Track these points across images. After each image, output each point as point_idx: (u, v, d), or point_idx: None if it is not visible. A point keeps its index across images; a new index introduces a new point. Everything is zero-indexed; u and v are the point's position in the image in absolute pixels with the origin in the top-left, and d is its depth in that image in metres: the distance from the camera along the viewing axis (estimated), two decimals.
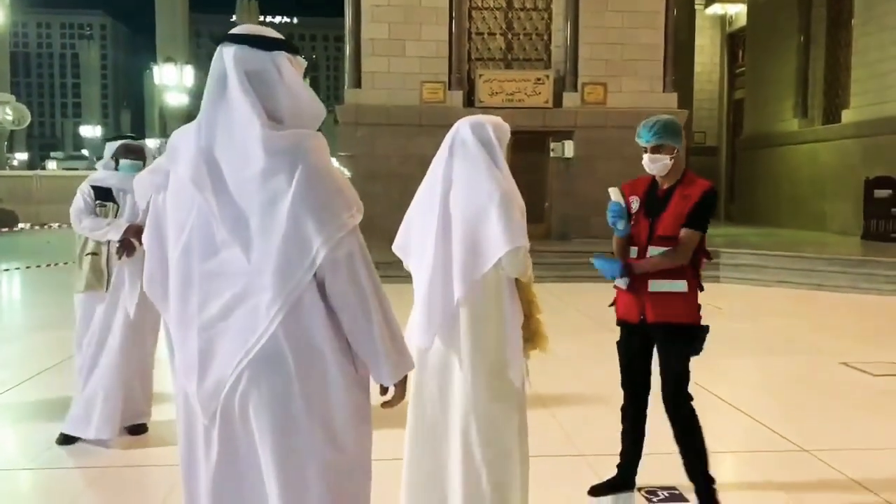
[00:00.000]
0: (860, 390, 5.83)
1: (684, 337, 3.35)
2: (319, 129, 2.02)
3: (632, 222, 3.44)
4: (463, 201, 2.82)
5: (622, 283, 3.41)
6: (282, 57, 1.93)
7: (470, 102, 14.90)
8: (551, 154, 14.78)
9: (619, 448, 3.88)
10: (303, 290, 1.84)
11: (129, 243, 4.34)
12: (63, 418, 4.45)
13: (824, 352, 6.95)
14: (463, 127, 2.94)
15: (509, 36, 15.57)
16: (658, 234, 3.34)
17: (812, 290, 10.89)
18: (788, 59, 19.29)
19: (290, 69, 1.93)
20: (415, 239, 2.98)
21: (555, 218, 14.99)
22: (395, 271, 3.25)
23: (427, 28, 14.92)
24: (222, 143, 1.87)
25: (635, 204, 3.47)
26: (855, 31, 16.98)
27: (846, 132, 16.77)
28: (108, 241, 4.38)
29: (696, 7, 23.50)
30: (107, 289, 4.38)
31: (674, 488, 3.73)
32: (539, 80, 15.05)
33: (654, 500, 3.66)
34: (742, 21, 22.61)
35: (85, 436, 4.35)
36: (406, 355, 2.00)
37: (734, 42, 23.66)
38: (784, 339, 7.75)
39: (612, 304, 3.58)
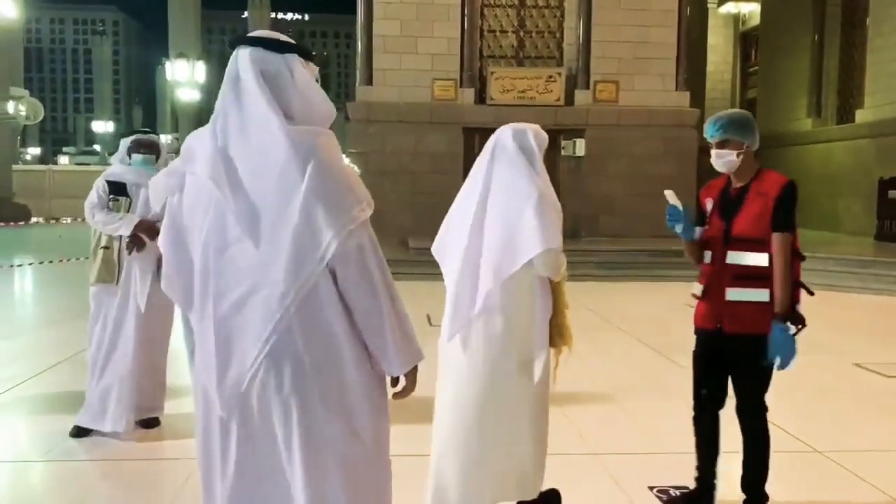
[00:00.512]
0: (873, 391, 5.80)
1: (763, 348, 3.07)
2: (331, 128, 2.05)
3: (706, 225, 3.28)
4: (501, 203, 2.94)
5: (697, 288, 3.28)
6: (294, 59, 1.99)
7: (481, 100, 14.89)
8: (562, 152, 14.75)
9: (632, 447, 3.89)
10: (315, 281, 1.89)
11: (138, 238, 4.37)
12: (76, 411, 4.48)
13: (837, 353, 6.91)
14: (504, 133, 3.08)
15: (521, 33, 15.54)
16: (735, 237, 3.14)
17: (824, 291, 10.79)
18: (802, 59, 19.17)
19: (301, 71, 1.99)
20: (451, 239, 3.10)
21: (565, 216, 14.87)
22: (407, 269, 3.27)
23: (439, 25, 14.92)
24: (237, 142, 1.93)
25: (710, 206, 3.29)
26: (870, 31, 16.85)
27: (860, 132, 16.66)
28: (120, 236, 4.41)
29: (709, 6, 23.40)
30: (117, 282, 4.42)
31: (686, 488, 3.72)
32: (551, 77, 15.02)
33: (667, 499, 3.65)
34: (755, 20, 22.50)
35: (100, 428, 4.38)
36: (414, 347, 2.03)
37: (747, 41, 23.55)
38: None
39: (697, 297, 3.32)
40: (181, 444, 4.41)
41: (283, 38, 2.03)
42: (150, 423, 4.57)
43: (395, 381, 2.07)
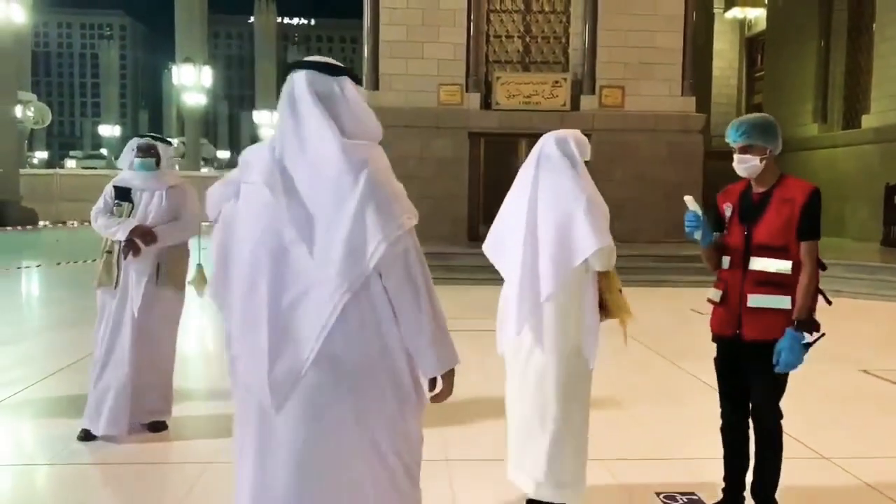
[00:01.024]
0: (880, 398, 5.78)
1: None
2: None
3: (725, 230, 3.24)
4: (552, 207, 3.20)
5: (714, 294, 3.25)
6: (346, 81, 2.17)
7: (487, 105, 14.91)
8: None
9: (639, 452, 3.88)
10: (365, 283, 2.05)
11: (133, 243, 4.38)
12: (83, 414, 4.50)
13: (843, 359, 6.88)
14: (548, 142, 3.32)
15: (527, 39, 15.56)
16: (757, 243, 3.09)
17: (831, 296, 10.78)
18: (808, 64, 19.15)
19: (353, 91, 2.16)
20: (505, 242, 3.36)
21: None
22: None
23: (445, 31, 14.94)
24: (293, 154, 2.09)
25: (728, 211, 3.23)
26: (876, 36, 16.83)
27: (866, 137, 16.63)
28: (120, 240, 4.44)
29: (715, 11, 23.39)
30: (116, 286, 4.44)
31: (693, 494, 3.71)
32: (556, 82, 15.03)
33: None
34: (761, 25, 22.48)
35: (95, 431, 4.39)
36: (451, 350, 2.16)
37: (753, 46, 23.52)
38: None
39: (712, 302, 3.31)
40: (189, 448, 4.43)
41: (336, 62, 2.22)
42: (157, 427, 4.58)
43: (432, 385, 2.21)
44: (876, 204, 15.17)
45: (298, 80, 2.13)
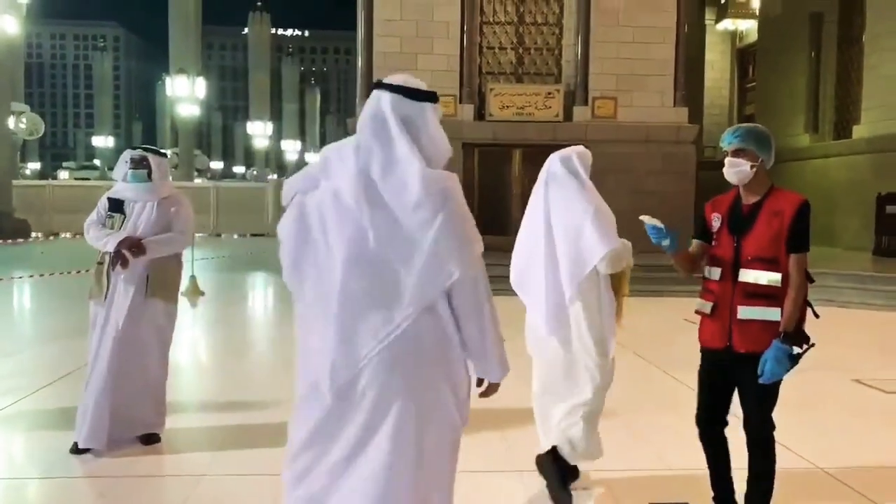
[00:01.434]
0: (873, 407, 5.80)
1: None
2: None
3: (713, 241, 3.23)
4: (563, 221, 3.63)
5: (704, 305, 3.20)
6: (428, 107, 2.40)
7: (480, 116, 14.96)
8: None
9: (632, 463, 3.88)
10: (435, 301, 2.27)
11: (121, 255, 4.37)
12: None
13: (836, 368, 6.91)
14: (554, 161, 3.75)
15: (520, 50, 15.64)
16: (749, 256, 3.08)
17: (823, 306, 10.75)
18: (799, 75, 19.29)
19: (433, 118, 2.40)
20: (527, 272, 3.81)
21: None
22: None
23: (438, 42, 15.01)
24: (379, 169, 2.29)
25: (717, 222, 3.19)
26: (866, 47, 16.98)
27: (857, 148, 16.74)
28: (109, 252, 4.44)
29: (707, 22, 23.57)
30: (105, 298, 4.43)
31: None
32: (549, 94, 15.10)
33: None
34: (752, 36, 22.66)
35: (79, 444, 4.35)
36: (506, 362, 2.45)
37: (744, 57, 23.70)
38: None
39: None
40: (182, 460, 4.41)
41: (420, 85, 2.42)
42: (150, 439, 4.56)
43: (480, 383, 2.49)
44: (867, 214, 15.26)
45: (384, 102, 2.35)
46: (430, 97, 2.42)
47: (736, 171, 3.13)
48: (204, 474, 4.12)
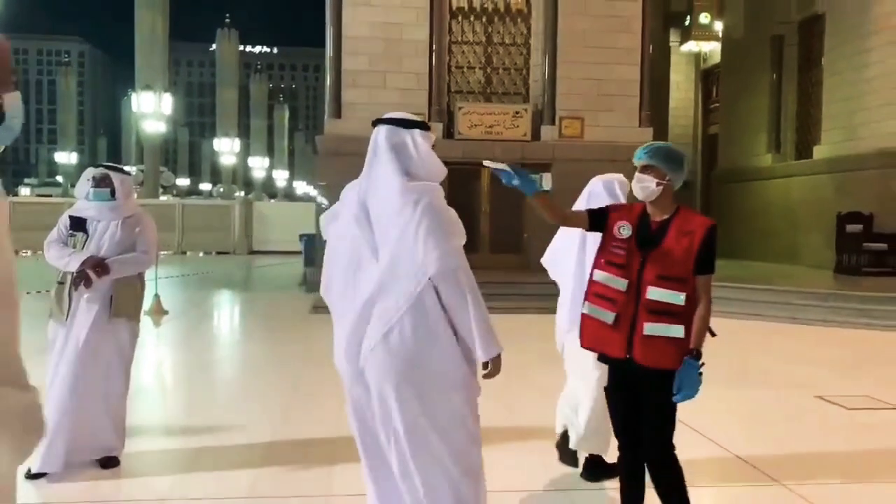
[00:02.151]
0: (835, 423, 5.87)
1: (671, 383, 3.04)
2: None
3: (618, 249, 3.14)
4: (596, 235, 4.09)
5: (604, 314, 3.12)
6: (417, 133, 2.82)
7: (449, 134, 15.01)
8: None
9: (606, 482, 3.86)
10: (423, 290, 2.65)
11: (85, 274, 4.28)
12: None
13: (799, 385, 7.00)
14: (596, 183, 4.42)
15: (488, 70, 15.76)
16: (657, 274, 3.06)
17: (786, 324, 11.00)
18: (761, 96, 19.69)
19: (422, 142, 2.81)
20: (559, 259, 4.41)
21: (533, 249, 15.05)
22: None
23: (407, 61, 15.06)
24: (371, 194, 2.77)
25: (626, 230, 3.17)
26: (825, 70, 17.39)
27: (818, 168, 17.10)
28: (72, 272, 4.34)
29: (672, 44, 23.98)
30: (66, 318, 4.33)
31: None
32: (517, 113, 15.22)
33: None
34: (716, 58, 23.10)
35: (32, 469, 4.22)
36: (494, 342, 2.75)
37: (708, 78, 24.14)
38: (759, 372, 7.80)
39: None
40: (142, 485, 4.31)
41: (412, 117, 2.88)
42: (108, 463, 4.44)
43: (485, 366, 2.79)
44: (828, 232, 15.56)
45: (380, 134, 2.82)
46: (420, 125, 2.83)
47: (642, 185, 3.16)
48: (164, 499, 4.03)
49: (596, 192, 4.25)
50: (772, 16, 19.18)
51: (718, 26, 22.40)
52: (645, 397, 3.14)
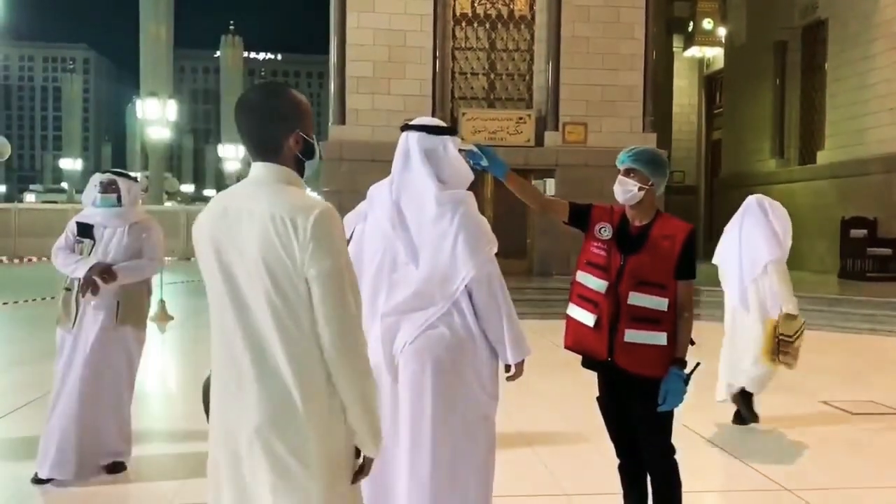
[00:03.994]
0: (840, 429, 5.86)
1: (657, 390, 3.00)
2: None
3: (599, 250, 3.11)
4: (750, 251, 5.74)
5: (585, 316, 3.08)
6: (447, 139, 2.89)
7: None
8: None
9: (603, 487, 3.87)
10: (457, 296, 2.77)
11: (91, 281, 4.28)
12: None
13: (804, 391, 6.99)
14: (752, 201, 5.96)
15: (492, 76, 15.80)
16: (636, 278, 3.02)
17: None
18: (764, 101, 19.71)
19: (452, 148, 2.90)
20: (725, 268, 5.94)
21: (536, 255, 15.09)
22: None
23: (411, 67, 15.12)
24: (406, 197, 2.86)
25: (608, 231, 3.13)
26: (828, 76, 17.41)
27: (821, 173, 17.09)
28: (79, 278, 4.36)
29: (675, 50, 24.02)
30: (73, 324, 4.35)
31: None
32: (521, 119, 15.26)
33: None
34: (719, 64, 23.13)
35: (41, 474, 4.25)
36: (524, 345, 2.87)
37: (711, 84, 24.16)
38: None
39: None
40: (149, 489, 4.33)
41: (441, 123, 2.97)
42: (115, 468, 4.46)
43: (507, 369, 2.90)
44: (833, 237, 15.55)
45: (411, 139, 2.88)
46: (449, 131, 2.92)
47: (623, 189, 3.13)
48: (171, 503, 4.04)
49: (753, 209, 5.89)
50: (775, 22, 19.20)
51: (721, 32, 22.44)
52: (634, 407, 3.10)
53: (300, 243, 1.86)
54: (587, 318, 3.08)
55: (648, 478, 3.21)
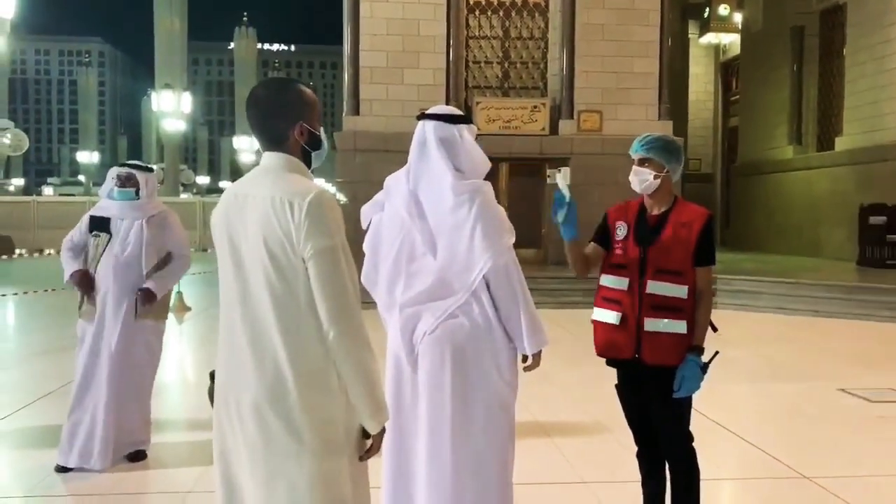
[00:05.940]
0: (858, 416, 5.83)
1: (674, 378, 2.99)
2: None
3: (618, 250, 3.14)
4: None
5: (609, 315, 3.09)
6: (463, 128, 2.88)
7: None
8: (548, 180, 14.87)
9: (621, 475, 3.88)
10: (476, 286, 2.75)
11: (80, 285, 4.37)
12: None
13: (822, 378, 6.96)
14: None
15: (506, 64, 15.73)
16: (655, 267, 3.01)
17: (808, 317, 10.92)
18: (781, 88, 19.50)
19: (468, 135, 2.89)
20: None
21: (551, 244, 15.04)
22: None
23: (425, 56, 15.07)
24: (423, 186, 2.84)
25: (623, 230, 3.13)
26: (847, 60, 17.19)
27: (840, 159, 16.91)
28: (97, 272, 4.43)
29: (690, 36, 23.79)
30: (82, 305, 4.42)
31: None
32: (535, 107, 15.19)
33: None
34: (735, 50, 22.89)
35: (66, 464, 4.31)
36: (542, 335, 2.85)
37: (728, 71, 23.92)
38: (781, 366, 7.76)
39: None
40: (169, 477, 4.38)
41: (456, 112, 2.96)
42: (136, 456, 4.52)
43: (524, 359, 2.88)
44: (851, 224, 15.39)
45: (427, 128, 2.86)
46: (465, 119, 2.91)
47: (640, 179, 3.11)
48: (191, 490, 4.09)
49: None
50: (792, 6, 18.97)
51: (738, 18, 22.19)
52: (656, 395, 3.09)
53: (296, 223, 1.96)
54: (611, 316, 3.07)
55: (667, 465, 3.21)
